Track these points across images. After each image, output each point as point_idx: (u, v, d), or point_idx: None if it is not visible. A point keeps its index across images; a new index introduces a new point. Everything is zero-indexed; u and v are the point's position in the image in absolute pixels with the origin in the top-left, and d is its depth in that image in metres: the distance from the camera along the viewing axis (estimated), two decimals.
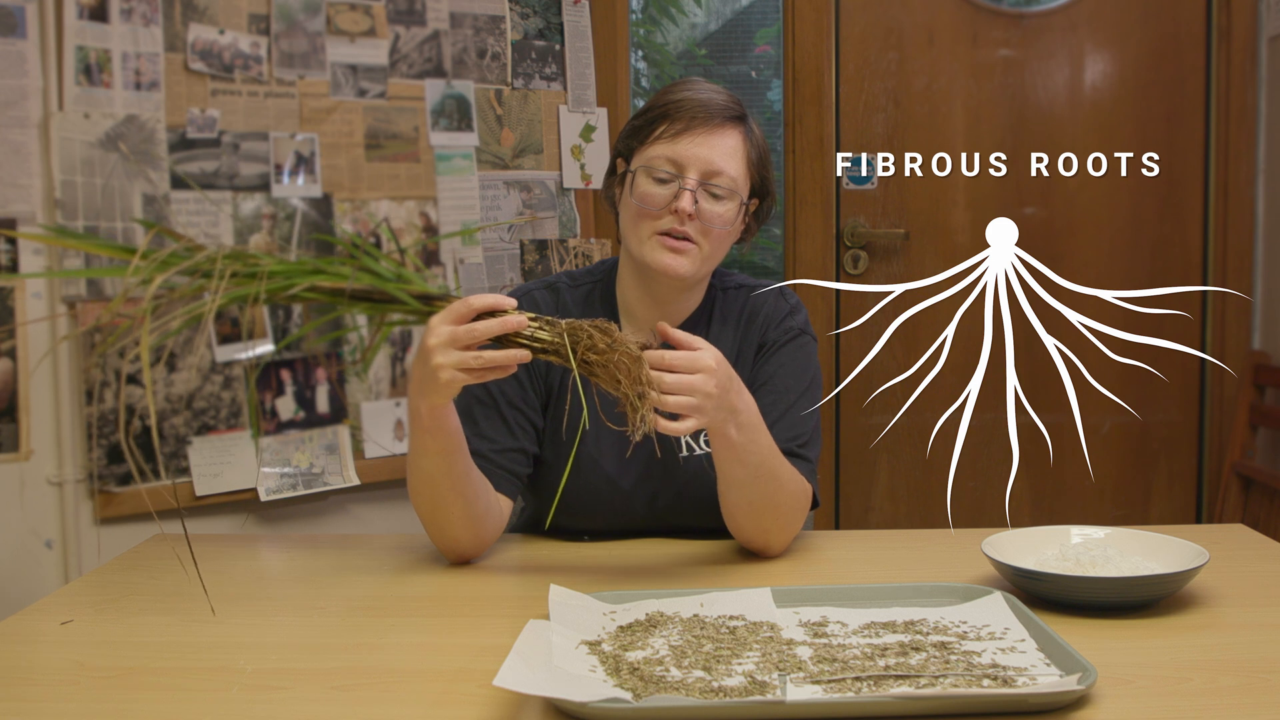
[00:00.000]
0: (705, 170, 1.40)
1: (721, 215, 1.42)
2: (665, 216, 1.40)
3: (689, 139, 1.41)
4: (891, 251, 2.81)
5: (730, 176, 1.41)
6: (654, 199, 1.41)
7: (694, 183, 1.40)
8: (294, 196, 2.19)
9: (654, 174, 1.41)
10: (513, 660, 0.94)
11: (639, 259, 1.44)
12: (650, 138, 1.43)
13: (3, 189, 1.95)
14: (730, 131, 1.43)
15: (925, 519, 2.79)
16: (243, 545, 1.58)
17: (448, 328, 1.18)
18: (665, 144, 1.41)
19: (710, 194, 1.41)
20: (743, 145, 1.44)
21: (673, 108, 1.42)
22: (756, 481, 1.34)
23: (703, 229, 1.41)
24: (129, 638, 1.14)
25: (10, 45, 1.94)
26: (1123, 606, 1.16)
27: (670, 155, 1.41)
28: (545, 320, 1.20)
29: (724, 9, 3.53)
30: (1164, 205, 2.83)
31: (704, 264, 1.44)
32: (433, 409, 1.24)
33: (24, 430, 1.99)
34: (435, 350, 1.18)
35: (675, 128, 1.41)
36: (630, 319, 1.52)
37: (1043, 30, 2.81)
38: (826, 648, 1.03)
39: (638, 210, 1.42)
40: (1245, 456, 2.70)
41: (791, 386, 1.48)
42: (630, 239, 1.45)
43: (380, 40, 2.27)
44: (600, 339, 1.17)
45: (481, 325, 1.18)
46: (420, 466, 1.31)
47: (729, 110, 1.44)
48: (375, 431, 2.29)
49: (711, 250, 1.43)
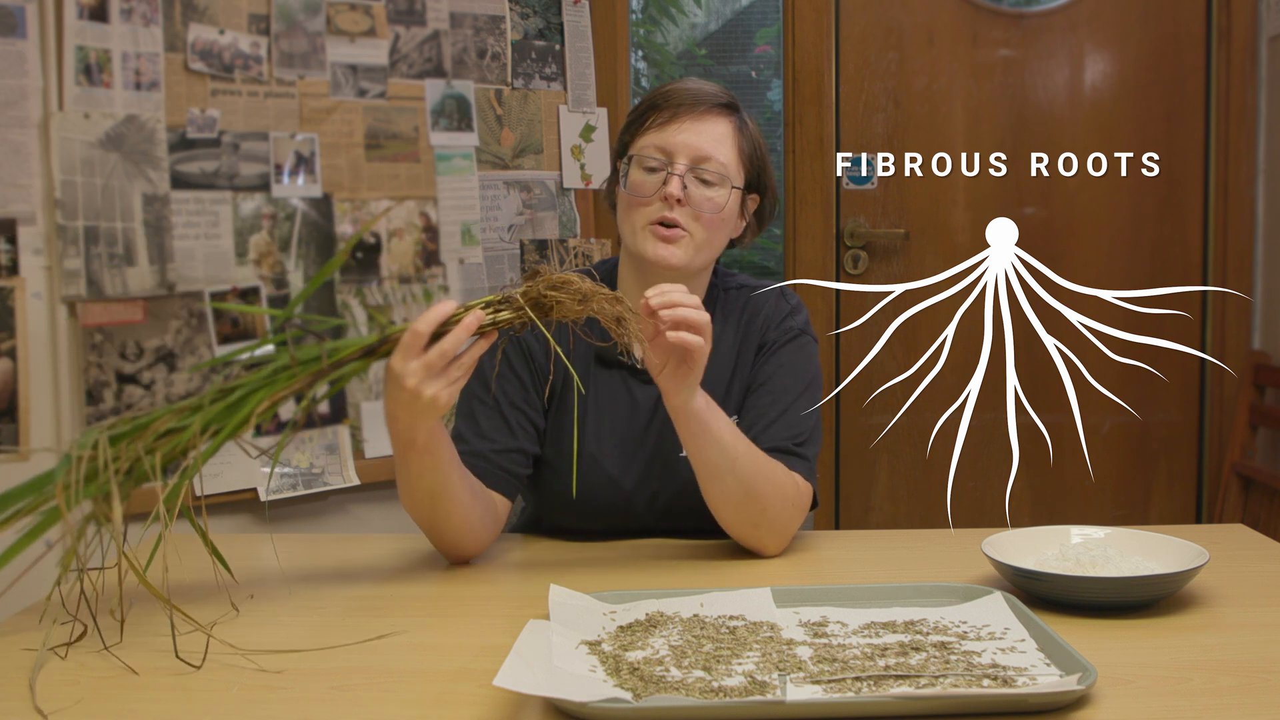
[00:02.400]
0: (694, 156, 1.41)
1: (712, 200, 1.42)
2: (655, 204, 1.41)
3: (676, 126, 1.42)
4: (891, 251, 2.81)
5: (719, 162, 1.42)
6: (643, 186, 1.42)
7: (682, 168, 1.40)
8: (294, 196, 2.19)
9: (644, 163, 1.42)
10: (513, 660, 0.94)
11: (634, 252, 1.45)
12: (641, 128, 1.45)
13: (3, 189, 1.95)
14: (719, 119, 1.44)
15: (925, 519, 2.79)
16: (243, 545, 1.58)
17: (415, 362, 1.17)
18: (654, 133, 1.43)
19: (700, 179, 1.41)
20: (733, 133, 1.45)
21: (661, 98, 1.45)
22: (735, 468, 1.33)
23: (693, 214, 1.41)
24: (129, 638, 1.14)
25: (10, 45, 1.94)
26: (1123, 606, 1.16)
27: (658, 143, 1.42)
28: (498, 298, 1.20)
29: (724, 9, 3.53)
30: (1164, 205, 2.83)
31: (698, 253, 1.44)
32: (429, 431, 1.23)
33: (24, 430, 1.99)
34: (420, 388, 1.17)
35: (663, 116, 1.43)
36: None
37: (1043, 30, 2.82)
38: (826, 648, 1.03)
39: (629, 200, 1.44)
40: (1245, 456, 2.70)
41: (791, 386, 1.48)
42: (625, 232, 1.46)
43: (380, 40, 2.27)
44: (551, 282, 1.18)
45: (447, 342, 1.17)
46: (416, 486, 1.30)
47: (718, 98, 1.45)
48: (375, 431, 2.29)
49: (705, 238, 1.43)
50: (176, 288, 2.08)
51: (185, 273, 2.09)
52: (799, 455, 1.45)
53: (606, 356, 1.49)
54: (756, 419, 1.45)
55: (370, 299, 2.28)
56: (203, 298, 2.10)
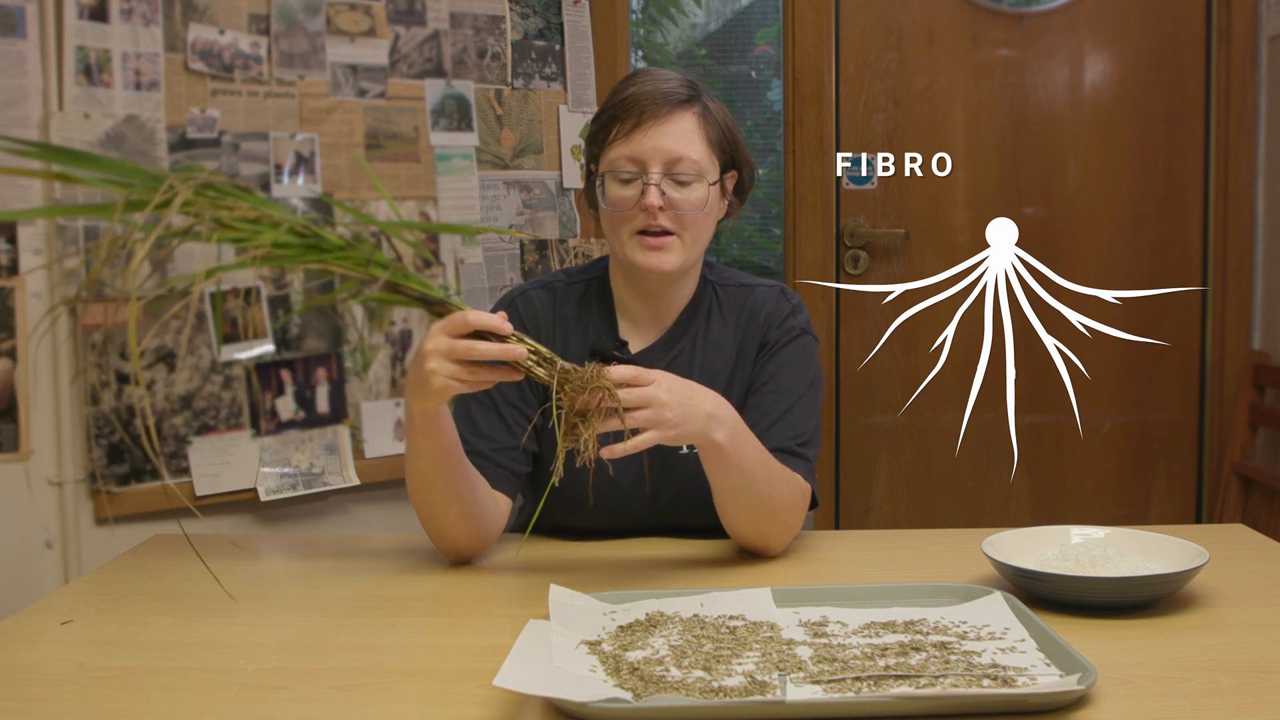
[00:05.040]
0: (666, 160, 1.41)
1: (692, 201, 1.42)
2: (638, 215, 1.42)
3: (641, 134, 1.41)
4: (891, 251, 2.81)
5: (692, 160, 1.42)
6: (623, 201, 1.42)
7: (657, 176, 1.40)
8: (294, 196, 2.19)
9: (618, 176, 1.42)
10: (513, 660, 0.94)
11: (625, 262, 1.46)
12: (608, 141, 1.44)
13: (3, 189, 1.95)
14: (682, 116, 1.43)
15: (925, 519, 2.79)
16: (243, 545, 1.58)
17: (447, 339, 1.18)
18: (621, 144, 1.42)
19: (676, 182, 1.41)
20: (699, 126, 1.44)
21: (620, 108, 1.43)
22: (753, 488, 1.34)
23: (676, 218, 1.42)
24: (129, 638, 1.14)
25: (10, 45, 1.94)
26: (1123, 606, 1.16)
27: (628, 154, 1.42)
28: (543, 356, 1.19)
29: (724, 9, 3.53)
30: (1164, 205, 2.83)
31: (689, 252, 1.45)
32: (424, 413, 1.24)
33: (24, 430, 1.99)
34: (431, 356, 1.18)
35: (627, 126, 1.42)
36: (626, 315, 1.53)
37: (1043, 30, 2.82)
38: (826, 648, 1.03)
39: (612, 215, 1.44)
40: (1245, 456, 2.70)
41: (793, 387, 1.48)
42: (613, 243, 1.47)
43: (380, 40, 2.27)
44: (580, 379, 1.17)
45: (481, 347, 1.17)
46: (416, 468, 1.31)
47: (677, 96, 1.43)
48: (375, 431, 2.29)
49: (694, 236, 1.44)
50: (176, 288, 2.08)
51: (185, 273, 2.08)
52: (800, 456, 1.45)
53: (603, 351, 1.49)
54: (759, 418, 1.45)
55: None
56: (203, 298, 2.10)
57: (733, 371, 1.51)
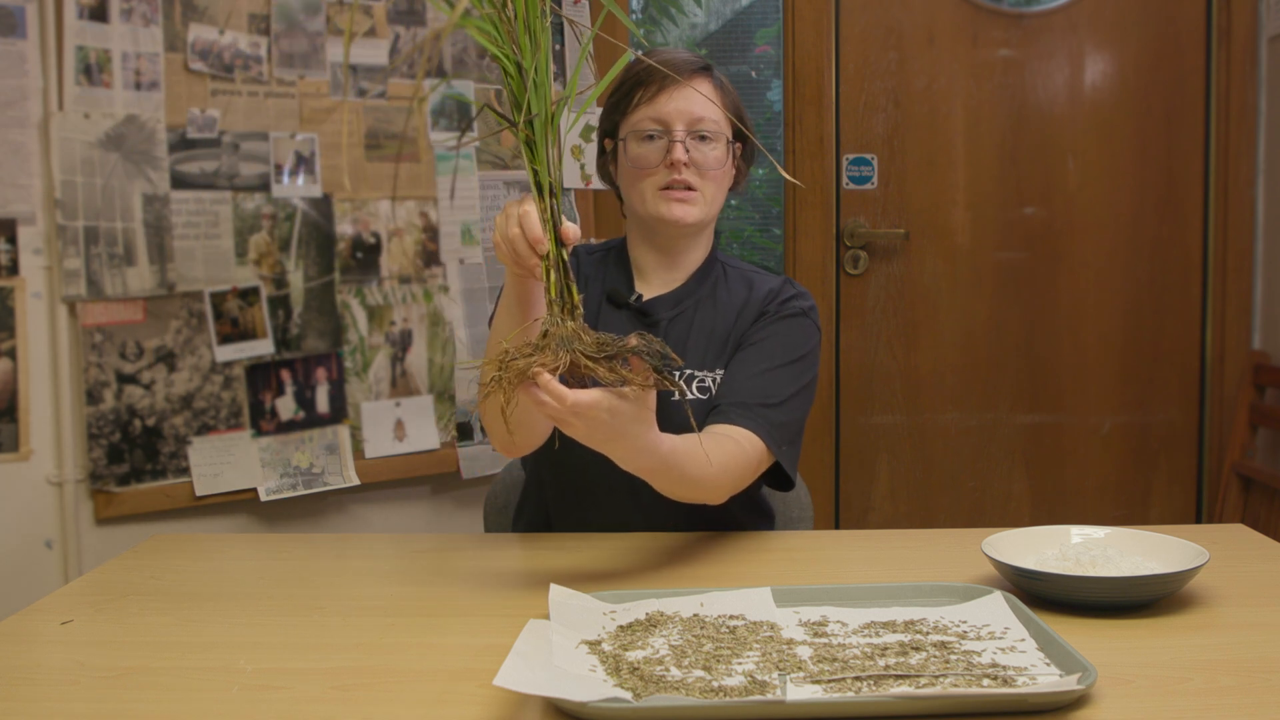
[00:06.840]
0: (689, 119, 1.49)
1: (715, 156, 1.50)
2: (661, 171, 1.49)
3: (666, 96, 1.49)
4: (891, 251, 2.81)
5: (712, 120, 1.50)
6: (647, 158, 1.50)
7: (681, 133, 1.48)
8: (294, 196, 2.19)
9: (642, 135, 1.50)
10: (513, 660, 0.94)
11: (650, 216, 1.51)
12: (630, 106, 1.52)
13: (3, 189, 1.95)
14: (701, 81, 1.52)
15: (925, 519, 2.79)
16: (243, 545, 1.58)
17: (517, 230, 1.19)
18: (646, 106, 1.50)
19: (699, 138, 1.49)
20: (716, 91, 1.53)
21: (643, 74, 1.52)
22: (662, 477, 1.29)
23: (700, 173, 1.50)
24: (129, 638, 1.14)
25: (10, 45, 1.94)
26: (1123, 606, 1.16)
27: (653, 115, 1.50)
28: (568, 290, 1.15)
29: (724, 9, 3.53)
30: (1164, 205, 2.83)
31: (709, 207, 1.52)
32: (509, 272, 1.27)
33: (24, 430, 1.99)
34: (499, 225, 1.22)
35: (651, 90, 1.50)
36: (643, 277, 1.58)
37: (1043, 30, 2.82)
38: (826, 647, 1.03)
39: (635, 172, 1.51)
40: (1245, 456, 2.70)
41: (777, 354, 1.48)
42: (635, 201, 1.53)
43: (380, 40, 2.27)
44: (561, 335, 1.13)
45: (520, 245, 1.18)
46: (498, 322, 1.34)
47: (696, 63, 1.53)
48: (375, 431, 2.29)
49: (714, 192, 1.52)
50: (176, 288, 2.08)
51: (185, 273, 2.09)
52: (758, 415, 1.41)
53: (616, 298, 1.55)
54: (735, 374, 1.47)
55: (370, 299, 2.28)
56: (203, 298, 2.10)
57: (728, 335, 1.53)
